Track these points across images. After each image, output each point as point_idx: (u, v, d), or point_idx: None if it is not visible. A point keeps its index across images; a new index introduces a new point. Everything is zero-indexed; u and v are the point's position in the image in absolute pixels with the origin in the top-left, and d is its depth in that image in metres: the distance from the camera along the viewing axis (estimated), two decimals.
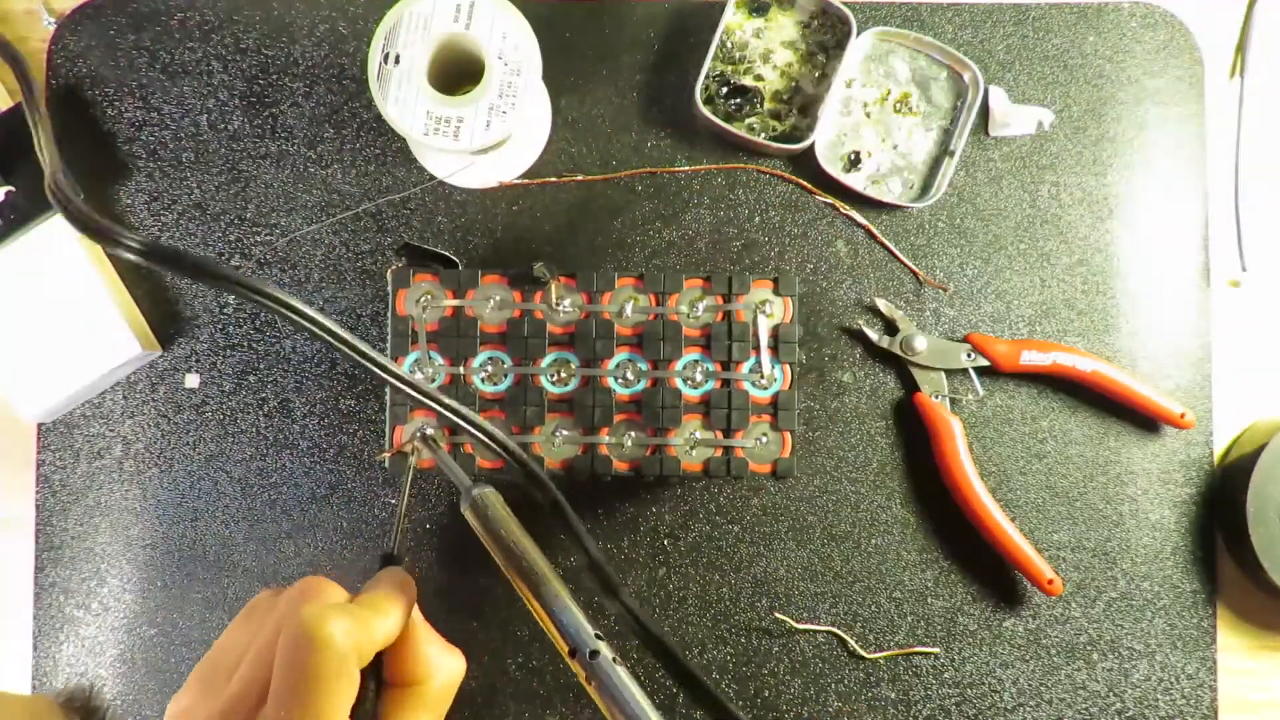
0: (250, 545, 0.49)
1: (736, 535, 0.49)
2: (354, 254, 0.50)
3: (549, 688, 0.48)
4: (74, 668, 0.48)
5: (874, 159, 0.51)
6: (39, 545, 0.49)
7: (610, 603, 0.36)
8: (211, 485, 0.49)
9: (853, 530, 0.49)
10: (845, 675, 0.49)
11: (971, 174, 0.51)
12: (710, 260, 0.50)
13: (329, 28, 0.51)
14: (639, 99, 0.51)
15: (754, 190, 0.51)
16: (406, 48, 0.43)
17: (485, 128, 0.44)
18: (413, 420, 0.44)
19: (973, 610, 0.49)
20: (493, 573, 0.49)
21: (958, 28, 0.51)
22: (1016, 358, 0.49)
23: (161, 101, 0.50)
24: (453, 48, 0.44)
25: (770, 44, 0.51)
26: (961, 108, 0.51)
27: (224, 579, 0.49)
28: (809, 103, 0.50)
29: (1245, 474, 0.47)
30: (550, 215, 0.50)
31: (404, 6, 0.43)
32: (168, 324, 0.50)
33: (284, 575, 0.49)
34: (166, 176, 0.50)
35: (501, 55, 0.44)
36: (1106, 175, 0.51)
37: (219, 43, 0.51)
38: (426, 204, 0.50)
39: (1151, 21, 0.51)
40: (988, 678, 0.49)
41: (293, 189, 0.50)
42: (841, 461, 0.50)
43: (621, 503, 0.49)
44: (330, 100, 0.50)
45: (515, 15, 0.44)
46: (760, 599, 0.49)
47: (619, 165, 0.51)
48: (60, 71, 0.50)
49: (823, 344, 0.50)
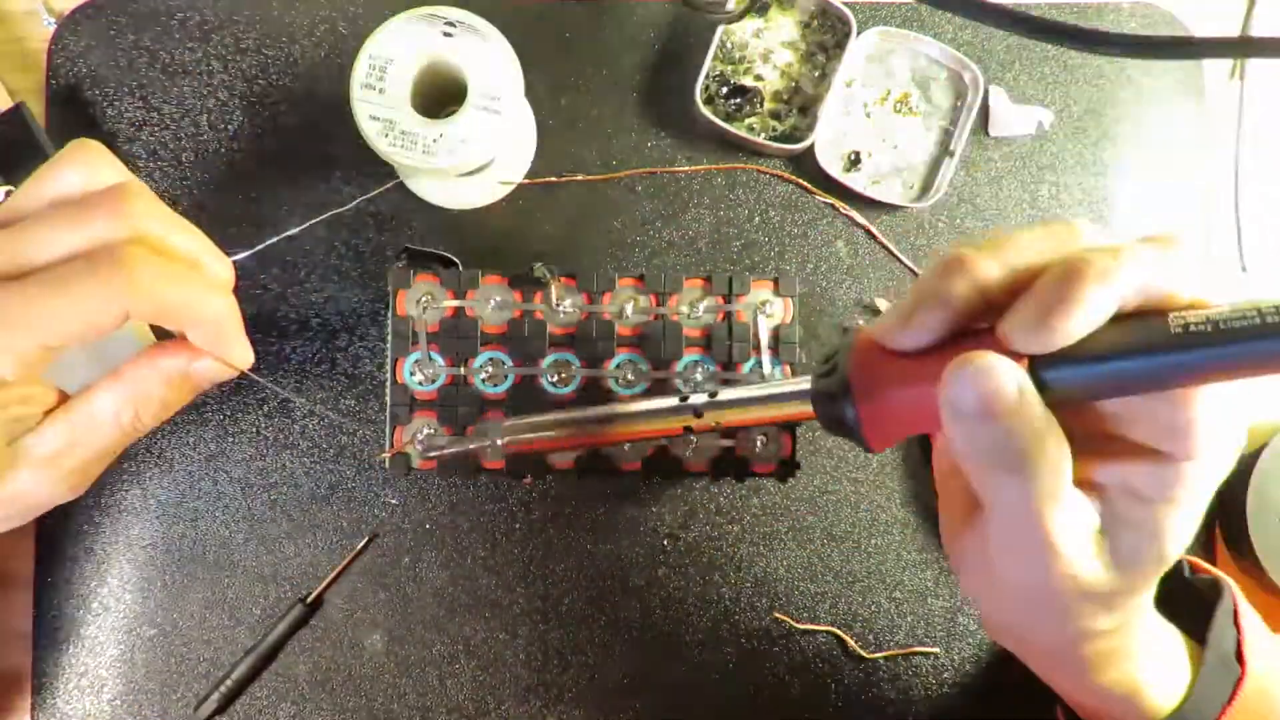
0: (250, 545, 0.49)
1: (736, 535, 0.49)
2: (354, 254, 0.50)
3: (549, 688, 0.48)
4: (74, 668, 0.48)
5: (874, 159, 0.51)
6: (39, 545, 0.49)
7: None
8: (211, 485, 0.49)
9: (853, 530, 0.49)
10: (845, 675, 0.49)
11: (971, 174, 0.51)
12: (710, 260, 0.50)
13: (329, 28, 0.51)
14: (639, 99, 0.51)
15: (754, 190, 0.51)
16: (389, 67, 0.43)
17: (466, 148, 0.43)
18: (414, 421, 0.44)
19: (973, 610, 0.49)
20: (493, 572, 0.49)
21: (958, 28, 0.51)
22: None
23: (161, 101, 0.50)
24: (436, 69, 0.44)
25: (770, 44, 0.51)
26: (961, 108, 0.50)
27: (224, 579, 0.49)
28: (809, 103, 0.50)
29: (1245, 474, 0.47)
30: (550, 215, 0.50)
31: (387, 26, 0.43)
32: None
33: (284, 575, 0.49)
34: (166, 176, 0.50)
35: (483, 81, 0.43)
36: (1106, 175, 0.51)
37: (219, 43, 0.51)
38: (426, 204, 0.50)
39: (1151, 21, 0.51)
40: (988, 678, 0.49)
41: (293, 189, 0.50)
42: (841, 461, 0.50)
43: (621, 503, 0.49)
44: (330, 100, 0.50)
45: (498, 38, 0.43)
46: (760, 599, 0.49)
47: (619, 165, 0.51)
48: (60, 71, 0.50)
49: (823, 344, 0.50)
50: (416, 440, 0.43)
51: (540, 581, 0.49)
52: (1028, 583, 0.27)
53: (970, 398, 0.24)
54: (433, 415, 0.44)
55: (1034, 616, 0.29)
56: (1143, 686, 0.31)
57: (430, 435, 0.43)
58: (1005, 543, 0.27)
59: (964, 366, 0.24)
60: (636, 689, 0.48)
